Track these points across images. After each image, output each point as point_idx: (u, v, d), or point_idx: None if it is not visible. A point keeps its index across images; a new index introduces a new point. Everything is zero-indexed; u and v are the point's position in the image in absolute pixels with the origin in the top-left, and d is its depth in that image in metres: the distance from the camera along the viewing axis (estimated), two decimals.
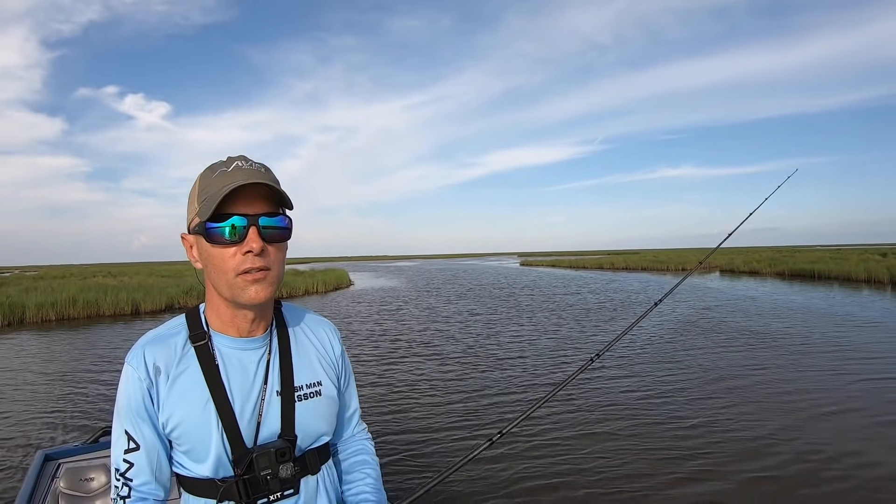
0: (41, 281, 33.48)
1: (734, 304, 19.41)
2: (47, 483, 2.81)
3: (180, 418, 1.21)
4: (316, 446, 1.36)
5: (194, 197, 1.23)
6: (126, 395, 1.23)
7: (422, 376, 9.61)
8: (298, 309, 1.51)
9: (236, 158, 1.21)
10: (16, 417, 7.75)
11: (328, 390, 1.38)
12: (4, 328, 18.39)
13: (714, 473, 5.21)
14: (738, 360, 10.11)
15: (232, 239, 1.16)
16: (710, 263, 46.88)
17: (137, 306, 22.09)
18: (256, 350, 1.30)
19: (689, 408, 7.24)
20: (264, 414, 1.26)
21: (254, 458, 1.22)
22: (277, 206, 1.23)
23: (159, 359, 1.23)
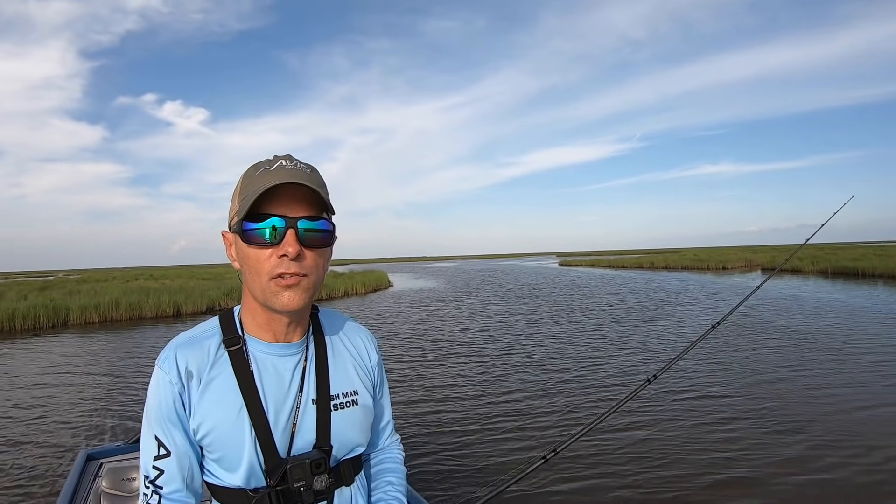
0: (84, 284, 34.09)
1: (777, 302, 18.67)
2: (90, 482, 2.84)
3: (212, 425, 1.17)
4: (350, 457, 1.32)
5: (236, 194, 1.19)
6: (157, 400, 1.18)
7: (464, 379, 9.36)
8: (336, 315, 1.46)
9: (282, 157, 1.16)
10: (59, 417, 7.78)
11: (364, 399, 1.35)
12: (49, 330, 18.56)
13: (766, 487, 4.91)
14: (781, 360, 9.76)
15: (271, 240, 1.12)
16: (751, 262, 46.02)
17: (179, 308, 22.28)
18: (292, 356, 1.27)
19: (736, 411, 6.96)
20: (299, 423, 1.23)
21: (288, 469, 1.18)
22: (321, 209, 1.18)
23: (192, 362, 1.19)
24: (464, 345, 12.77)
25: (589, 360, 10.41)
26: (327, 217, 1.20)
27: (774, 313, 15.79)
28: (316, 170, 1.20)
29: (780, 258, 39.70)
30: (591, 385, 8.55)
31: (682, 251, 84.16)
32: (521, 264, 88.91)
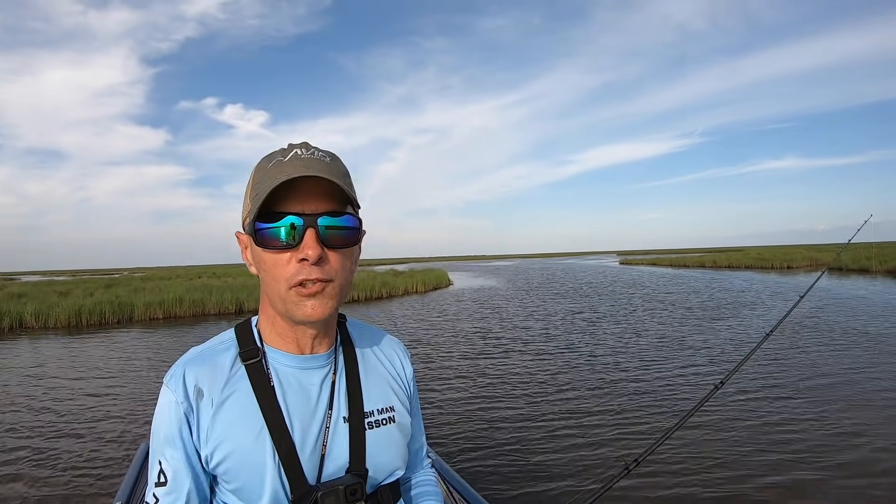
0: (148, 282, 34.98)
1: (842, 302, 17.68)
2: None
3: (228, 450, 1.04)
4: (389, 482, 1.19)
5: (248, 191, 1.06)
6: (159, 422, 1.08)
7: (526, 378, 9.12)
8: (365, 325, 1.33)
9: (297, 146, 1.03)
10: (123, 408, 8.03)
11: (401, 417, 1.22)
12: (114, 325, 18.90)
13: (830, 490, 4.75)
14: (847, 362, 9.37)
15: (288, 242, 0.99)
16: (816, 261, 44.69)
17: (241, 305, 22.52)
18: (319, 370, 1.14)
19: (799, 413, 6.75)
20: (329, 444, 1.10)
21: (318, 497, 1.03)
22: (344, 202, 1.04)
23: (202, 379, 1.08)
24: (526, 343, 12.57)
25: (652, 361, 10.07)
26: (352, 211, 1.06)
27: (840, 314, 15.07)
28: (337, 157, 1.06)
29: (846, 257, 37.94)
30: (655, 388, 8.21)
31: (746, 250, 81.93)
32: (582, 263, 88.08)
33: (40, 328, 18.22)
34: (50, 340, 15.52)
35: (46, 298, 22.23)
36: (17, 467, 5.82)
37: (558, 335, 13.54)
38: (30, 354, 13.21)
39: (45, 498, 5.05)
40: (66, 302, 20.39)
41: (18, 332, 17.58)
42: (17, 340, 15.68)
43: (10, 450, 6.35)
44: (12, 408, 8.20)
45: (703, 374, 8.88)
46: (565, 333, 13.77)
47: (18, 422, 7.47)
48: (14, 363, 11.96)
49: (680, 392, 7.87)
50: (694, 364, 9.62)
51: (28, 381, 9.98)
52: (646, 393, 7.90)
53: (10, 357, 12.89)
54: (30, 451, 6.30)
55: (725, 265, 50.24)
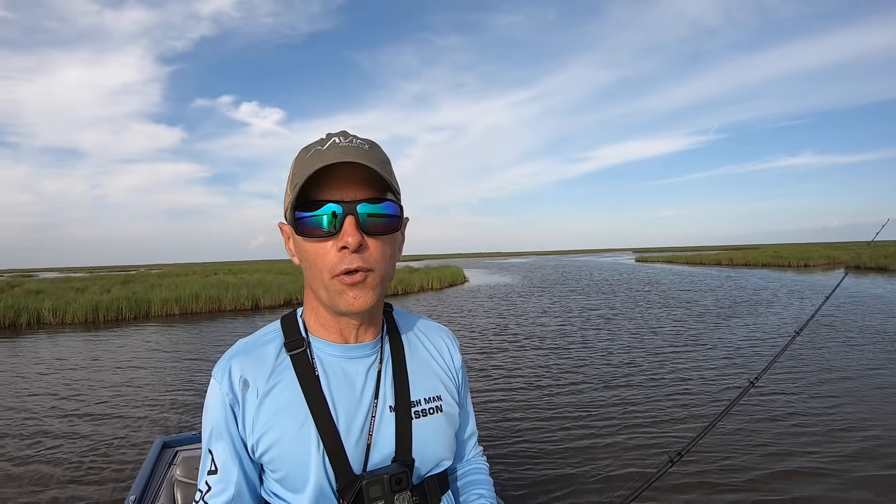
0: (165, 278, 35.19)
1: (862, 301, 17.40)
2: (164, 470, 2.92)
3: (273, 440, 1.05)
4: (436, 472, 1.17)
5: (289, 181, 1.05)
6: (208, 413, 1.10)
7: (548, 375, 9.07)
8: (412, 315, 1.32)
9: (336, 134, 1.03)
10: (138, 404, 8.03)
11: (449, 406, 1.21)
12: (131, 321, 18.94)
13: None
14: (865, 360, 9.30)
15: (329, 229, 0.99)
16: (834, 259, 44.19)
17: (257, 302, 22.52)
18: (365, 358, 1.14)
19: (835, 413, 6.62)
20: (375, 433, 1.09)
21: (363, 486, 1.02)
22: (384, 189, 1.03)
23: (248, 370, 1.09)
24: (544, 340, 12.51)
25: (679, 358, 9.97)
26: (393, 198, 1.04)
27: (857, 312, 14.82)
28: (376, 145, 1.06)
29: (864, 255, 37.51)
30: (684, 386, 8.14)
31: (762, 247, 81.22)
32: (597, 260, 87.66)
33: (58, 324, 18.26)
34: (67, 336, 15.53)
35: (64, 295, 22.32)
36: (34, 461, 5.86)
37: (577, 332, 13.47)
38: (48, 350, 13.21)
39: (61, 491, 5.08)
40: (84, 298, 20.46)
41: (36, 328, 17.63)
42: (36, 336, 15.70)
43: (28, 444, 6.39)
44: (31, 403, 8.21)
45: (730, 372, 8.76)
46: (584, 330, 13.73)
47: (37, 416, 7.49)
48: (33, 359, 11.96)
49: (708, 389, 7.82)
50: (721, 362, 9.51)
51: (46, 377, 9.97)
52: (675, 391, 7.83)
53: (28, 352, 12.90)
54: (47, 445, 6.33)
55: (742, 263, 49.76)
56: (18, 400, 8.44)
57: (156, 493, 2.77)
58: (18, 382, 9.62)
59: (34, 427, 7.00)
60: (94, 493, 5.02)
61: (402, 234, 1.13)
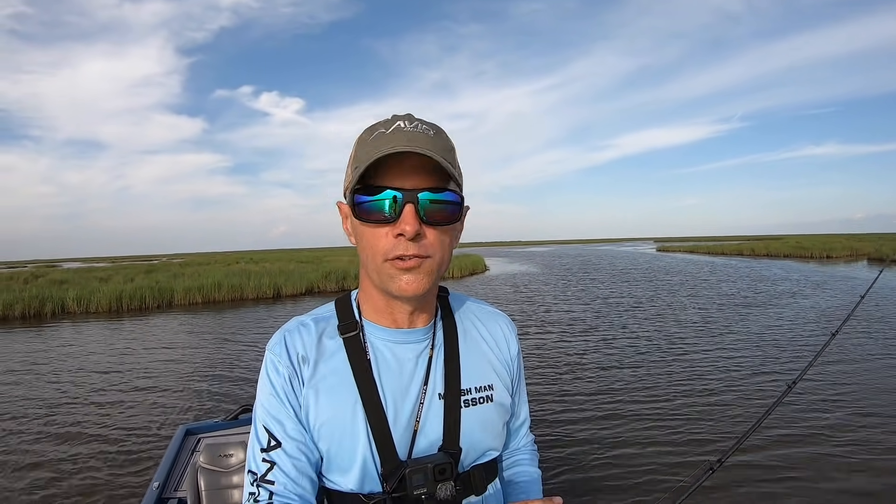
0: (187, 267, 35.50)
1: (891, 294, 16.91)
2: (188, 456, 3.00)
3: (322, 420, 1.05)
4: (483, 462, 1.15)
5: (350, 162, 1.05)
6: (267, 387, 1.07)
7: (576, 369, 8.95)
8: (468, 299, 1.30)
9: (402, 117, 1.01)
10: (161, 392, 8.08)
11: (500, 396, 1.18)
12: (154, 310, 19.12)
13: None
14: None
15: (390, 215, 0.97)
16: (856, 251, 43.24)
17: (279, 290, 22.62)
18: (417, 344, 1.12)
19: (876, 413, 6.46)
20: (422, 420, 1.08)
21: (406, 473, 1.01)
22: (447, 178, 1.00)
23: (303, 347, 1.09)
24: (567, 332, 12.39)
25: (710, 356, 9.72)
26: (454, 188, 1.02)
27: (889, 306, 14.44)
28: (441, 130, 1.04)
29: (887, 247, 36.76)
30: (718, 386, 7.89)
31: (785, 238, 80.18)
32: (618, 249, 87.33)
33: (82, 313, 18.41)
34: (92, 325, 15.64)
35: (88, 284, 22.53)
36: (59, 447, 5.91)
37: (602, 323, 13.35)
38: (72, 339, 13.28)
39: (86, 476, 5.14)
40: (107, 287, 20.65)
41: (61, 316, 17.77)
42: (60, 325, 15.81)
43: (53, 431, 6.44)
44: (55, 390, 8.26)
45: (766, 371, 8.53)
46: (609, 321, 13.61)
47: (62, 403, 7.56)
48: (57, 347, 12.01)
49: (744, 389, 7.61)
50: (755, 361, 9.30)
51: (70, 365, 10.01)
52: (711, 391, 7.65)
53: (53, 341, 12.97)
54: (72, 432, 6.39)
55: (764, 254, 49.12)
56: (44, 387, 8.46)
57: (179, 479, 2.84)
58: (44, 370, 9.65)
59: (59, 414, 7.05)
60: (118, 479, 5.06)
61: (462, 222, 1.11)
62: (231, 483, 2.70)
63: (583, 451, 5.67)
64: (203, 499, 2.62)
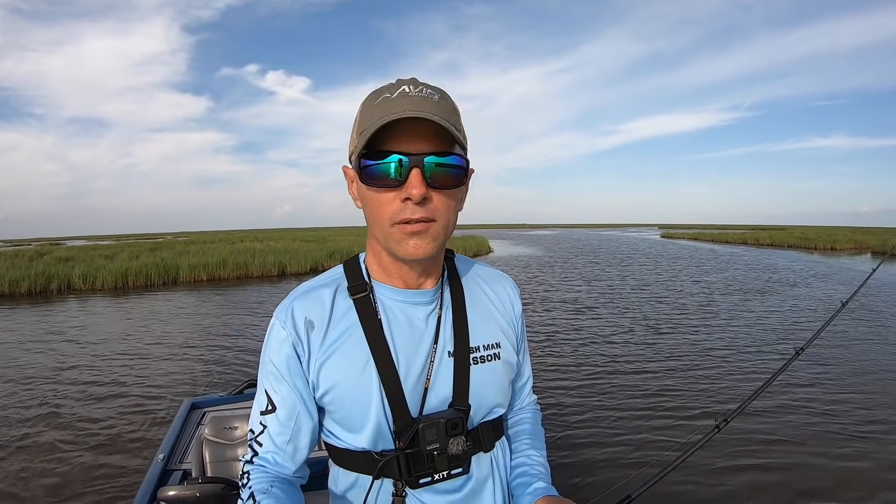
0: (192, 245, 35.49)
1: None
2: (193, 429, 3.06)
3: (335, 381, 1.07)
4: (490, 419, 1.19)
5: (355, 127, 1.06)
6: (269, 352, 1.11)
7: (582, 346, 9.12)
8: (474, 262, 1.33)
9: (406, 81, 1.02)
10: (167, 367, 8.16)
11: (507, 354, 1.22)
12: (160, 287, 19.20)
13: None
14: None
15: (396, 178, 0.98)
16: (861, 244, 42.82)
17: (284, 268, 22.77)
18: (426, 305, 1.15)
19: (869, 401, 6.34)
20: (433, 378, 1.11)
21: (419, 429, 1.05)
22: (451, 143, 1.02)
23: (312, 312, 1.10)
24: (574, 307, 12.78)
25: (716, 332, 10.01)
26: (460, 151, 1.03)
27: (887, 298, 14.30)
28: (446, 94, 1.04)
29: (892, 241, 36.52)
30: (724, 356, 8.26)
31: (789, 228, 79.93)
32: (623, 235, 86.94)
33: (88, 290, 18.47)
34: (98, 302, 15.71)
35: (93, 262, 22.58)
36: (66, 420, 6.01)
37: (606, 302, 13.59)
38: (79, 315, 13.34)
39: (93, 450, 5.22)
40: (113, 265, 20.70)
41: (67, 294, 17.83)
42: (66, 302, 15.88)
43: (60, 405, 6.52)
44: (63, 365, 8.31)
45: (772, 343, 8.86)
46: (614, 300, 13.85)
47: (69, 378, 7.66)
48: (64, 323, 12.08)
49: (752, 359, 7.96)
50: (760, 335, 9.56)
51: (77, 341, 10.07)
52: (718, 358, 8.01)
53: (60, 318, 13.04)
54: (79, 406, 6.49)
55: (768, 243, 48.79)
56: (51, 362, 8.53)
57: (184, 451, 2.89)
58: (51, 346, 9.71)
59: (66, 388, 7.13)
60: (124, 452, 5.15)
61: (467, 185, 1.12)
62: (235, 455, 2.73)
63: (589, 414, 5.92)
64: (207, 469, 2.66)
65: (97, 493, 4.39)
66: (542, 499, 1.13)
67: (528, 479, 1.21)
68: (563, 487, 1.51)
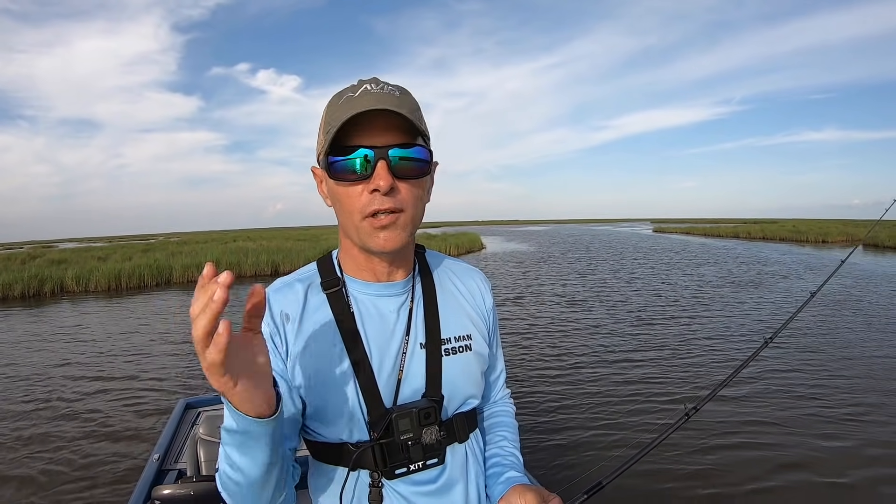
0: (185, 246, 35.35)
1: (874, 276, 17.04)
2: (187, 429, 3.08)
3: (309, 373, 1.09)
4: (464, 410, 1.21)
5: (321, 127, 1.09)
6: None
7: (566, 338, 9.31)
8: (444, 256, 1.35)
9: (367, 81, 1.06)
10: (161, 368, 8.23)
11: (479, 346, 1.24)
12: (153, 288, 19.23)
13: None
14: (873, 335, 9.10)
15: (361, 173, 1.02)
16: (852, 237, 42.89)
17: (277, 267, 22.66)
18: (397, 297, 1.17)
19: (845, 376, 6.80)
20: (406, 369, 1.13)
21: (393, 419, 1.07)
22: (415, 135, 1.06)
23: (287, 306, 1.12)
24: (561, 300, 13.04)
25: (689, 321, 10.36)
26: (423, 143, 1.08)
27: (867, 289, 14.43)
28: (407, 91, 1.08)
29: (883, 234, 36.52)
30: (698, 346, 8.49)
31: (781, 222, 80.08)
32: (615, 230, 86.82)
33: (81, 292, 18.45)
34: (91, 303, 15.71)
35: (86, 264, 22.50)
36: (60, 422, 6.05)
37: (596, 295, 13.85)
38: (73, 317, 13.35)
39: (87, 449, 5.28)
40: (106, 266, 20.63)
41: (60, 296, 17.81)
42: (60, 304, 15.87)
43: (55, 406, 6.57)
44: (58, 367, 8.33)
45: (745, 333, 9.08)
46: (602, 293, 14.17)
47: (64, 379, 7.66)
48: (58, 325, 12.10)
49: (721, 350, 8.17)
50: (737, 326, 9.84)
51: (71, 342, 10.09)
52: (690, 349, 8.25)
53: (54, 320, 13.06)
54: (74, 407, 6.52)
55: (760, 237, 48.92)
56: (46, 364, 8.56)
57: (179, 450, 2.93)
58: (46, 348, 9.74)
59: (60, 390, 7.16)
60: (118, 452, 5.18)
61: (432, 177, 1.16)
62: None
63: (567, 402, 6.11)
64: (202, 468, 2.68)
65: (92, 493, 4.43)
66: (515, 487, 1.16)
67: (500, 469, 1.25)
68: (536, 475, 1.60)
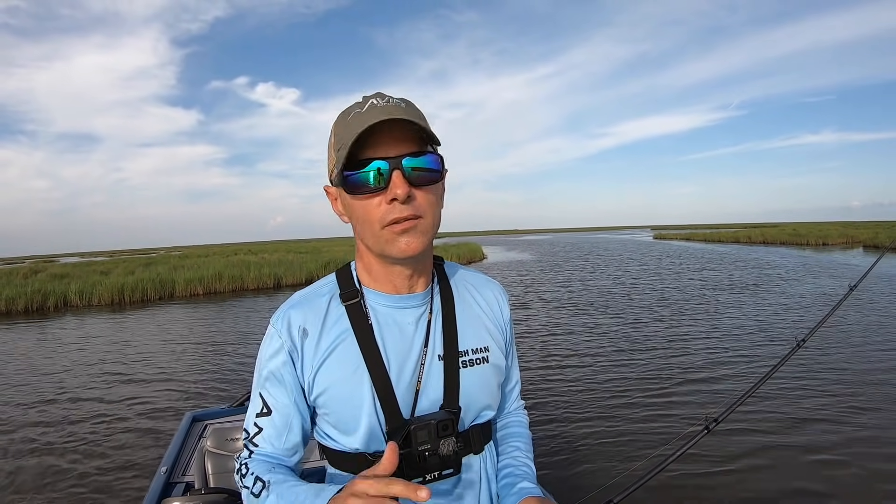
0: (187, 259, 35.42)
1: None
2: (195, 441, 3.08)
3: (328, 384, 1.12)
4: (480, 422, 1.23)
5: (331, 145, 1.10)
6: (265, 358, 1.17)
7: (574, 348, 9.10)
8: (462, 268, 1.37)
9: (372, 96, 1.08)
10: (167, 381, 8.17)
11: (496, 358, 1.26)
12: (156, 302, 19.19)
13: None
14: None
15: (376, 185, 1.03)
16: (852, 238, 42.90)
17: (279, 280, 22.83)
18: (416, 308, 1.18)
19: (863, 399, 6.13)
20: (424, 381, 1.15)
21: (411, 430, 1.07)
22: (424, 144, 1.08)
23: (306, 320, 1.15)
24: (569, 308, 12.92)
25: (711, 331, 9.94)
26: (433, 150, 1.10)
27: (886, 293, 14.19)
28: (411, 103, 1.10)
29: (883, 235, 36.40)
30: (720, 353, 8.29)
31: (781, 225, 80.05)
32: (615, 237, 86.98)
33: (84, 306, 18.48)
34: (95, 318, 15.71)
35: (89, 278, 22.55)
36: (68, 436, 6.02)
37: (606, 303, 13.67)
38: (77, 331, 13.37)
39: (95, 463, 5.26)
40: (109, 280, 20.70)
41: (63, 310, 17.84)
42: (63, 318, 15.90)
43: (62, 420, 6.56)
44: (63, 382, 8.34)
45: (762, 343, 8.73)
46: (610, 301, 13.95)
47: (70, 394, 7.65)
48: (63, 340, 12.12)
49: (745, 355, 7.98)
50: (756, 329, 9.65)
51: (76, 357, 10.09)
52: (714, 356, 8.02)
53: (58, 334, 13.08)
54: (81, 420, 6.53)
55: (760, 241, 48.85)
56: (52, 379, 8.56)
57: (187, 463, 2.92)
58: (50, 363, 9.75)
59: (68, 404, 7.16)
60: (127, 466, 5.18)
61: (443, 184, 1.16)
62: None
63: (581, 413, 5.95)
64: (210, 481, 2.69)
65: None
66: (527, 499, 1.16)
67: (513, 480, 1.25)
68: (548, 488, 1.59)
